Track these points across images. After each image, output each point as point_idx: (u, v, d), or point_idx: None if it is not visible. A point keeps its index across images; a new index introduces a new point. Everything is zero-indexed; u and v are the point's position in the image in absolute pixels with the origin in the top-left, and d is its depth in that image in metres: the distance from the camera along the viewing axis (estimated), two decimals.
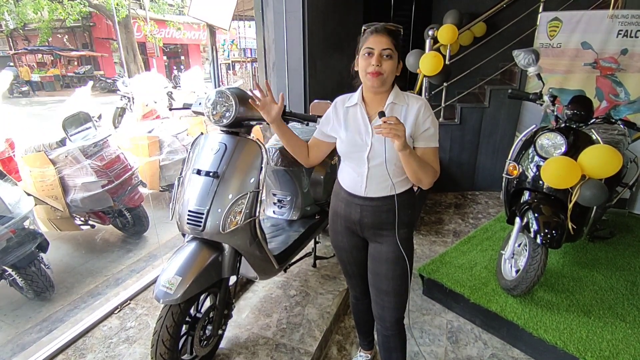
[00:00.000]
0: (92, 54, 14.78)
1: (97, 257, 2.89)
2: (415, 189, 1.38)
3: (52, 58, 14.62)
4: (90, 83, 4.05)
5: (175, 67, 17.41)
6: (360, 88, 1.28)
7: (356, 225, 1.34)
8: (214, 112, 1.55)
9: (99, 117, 3.77)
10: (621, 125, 2.27)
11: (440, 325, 2.09)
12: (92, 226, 2.96)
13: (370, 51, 1.16)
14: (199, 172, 1.51)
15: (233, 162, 1.52)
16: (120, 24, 10.32)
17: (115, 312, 1.92)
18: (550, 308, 1.99)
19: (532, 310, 1.97)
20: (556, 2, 3.45)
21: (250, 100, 1.29)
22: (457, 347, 1.93)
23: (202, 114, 1.63)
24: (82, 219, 2.90)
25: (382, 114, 1.10)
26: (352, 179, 1.30)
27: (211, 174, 1.49)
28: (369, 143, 1.22)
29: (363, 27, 1.24)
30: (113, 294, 2.06)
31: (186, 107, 1.76)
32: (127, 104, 5.92)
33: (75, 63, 15.38)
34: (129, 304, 1.99)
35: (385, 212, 1.28)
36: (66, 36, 15.05)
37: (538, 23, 3.21)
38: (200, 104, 1.65)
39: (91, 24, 14.32)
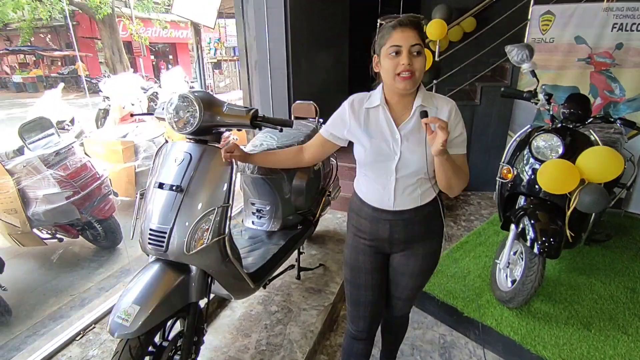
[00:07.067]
0: (75, 54, 14.41)
1: (64, 274, 2.68)
2: None
3: (35, 58, 14.25)
4: (61, 85, 3.83)
5: (163, 67, 17.09)
6: (380, 88, 1.13)
7: (385, 242, 1.21)
8: (176, 119, 1.39)
9: (72, 120, 3.56)
10: (618, 124, 2.16)
11: (432, 340, 1.96)
12: (60, 240, 2.76)
13: (398, 49, 1.00)
14: (161, 185, 1.35)
15: (199, 174, 1.36)
16: (105, 23, 10.01)
17: (77, 338, 1.75)
18: (548, 321, 1.87)
19: (529, 324, 1.85)
20: None
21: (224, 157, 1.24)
22: None
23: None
24: (49, 232, 2.70)
25: (424, 114, 0.98)
26: (376, 192, 1.16)
27: (174, 187, 1.33)
28: (398, 152, 1.08)
29: (379, 22, 1.10)
30: (77, 317, 1.89)
31: (149, 112, 1.60)
32: (109, 106, 5.78)
33: (59, 63, 15.02)
34: (94, 328, 1.82)
35: (417, 223, 1.18)
36: (49, 36, 14.69)
37: (529, 17, 3.09)
38: (163, 109, 1.48)
39: (74, 22, 13.94)
